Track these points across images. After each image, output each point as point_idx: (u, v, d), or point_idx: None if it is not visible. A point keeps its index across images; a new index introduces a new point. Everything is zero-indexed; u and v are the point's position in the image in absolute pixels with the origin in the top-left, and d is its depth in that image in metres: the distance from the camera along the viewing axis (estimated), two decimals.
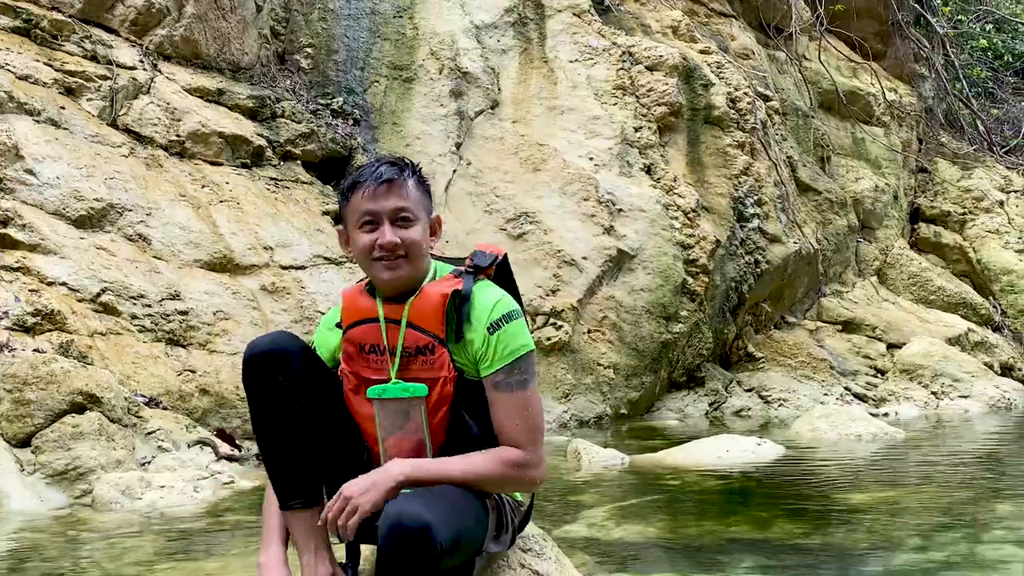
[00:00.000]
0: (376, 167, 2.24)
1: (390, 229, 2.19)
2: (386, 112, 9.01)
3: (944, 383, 9.88)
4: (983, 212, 13.49)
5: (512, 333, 2.18)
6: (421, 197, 2.28)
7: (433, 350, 2.18)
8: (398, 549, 1.82)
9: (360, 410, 2.27)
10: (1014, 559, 3.65)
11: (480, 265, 2.28)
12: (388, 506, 1.91)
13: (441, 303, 2.19)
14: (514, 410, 2.16)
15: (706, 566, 3.60)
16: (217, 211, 7.16)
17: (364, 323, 2.26)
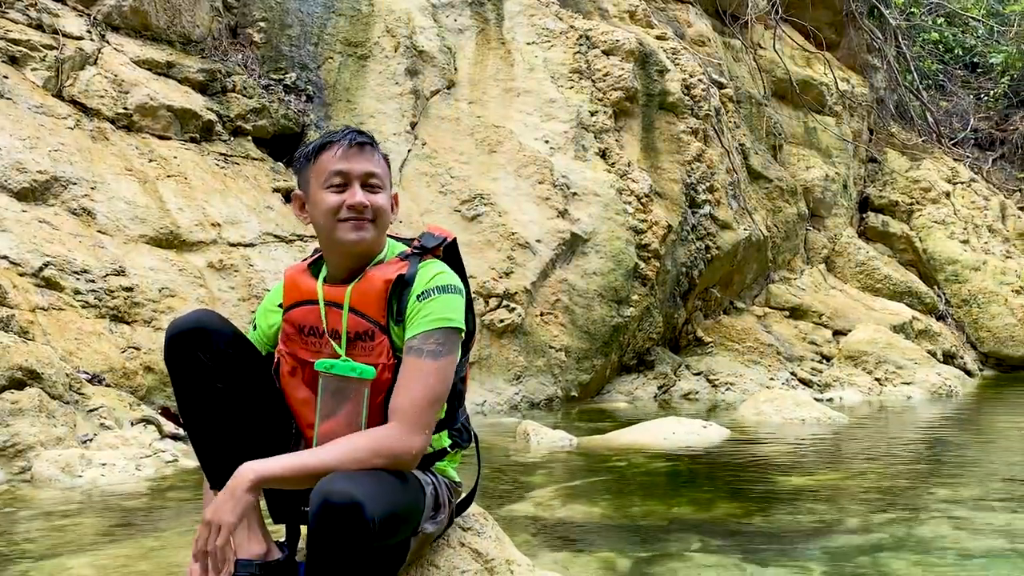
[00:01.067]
0: (346, 131, 2.22)
1: (360, 191, 2.16)
2: (340, 89, 8.92)
3: (888, 370, 10.09)
4: (930, 203, 13.75)
5: (441, 304, 2.12)
6: (386, 169, 2.28)
7: (373, 336, 2.14)
8: (329, 527, 1.79)
9: (295, 394, 2.22)
10: (949, 540, 3.74)
11: (427, 246, 2.24)
12: (318, 485, 1.86)
13: (384, 289, 2.14)
14: (413, 376, 2.06)
15: (648, 545, 3.64)
16: (164, 186, 7.05)
17: (304, 304, 2.21)
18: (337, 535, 1.79)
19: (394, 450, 1.99)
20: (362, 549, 1.81)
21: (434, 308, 2.10)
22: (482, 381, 8.02)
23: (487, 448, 6.01)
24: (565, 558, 3.43)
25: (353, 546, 1.80)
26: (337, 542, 1.80)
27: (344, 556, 1.81)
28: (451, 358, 2.12)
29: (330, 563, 1.82)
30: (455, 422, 2.28)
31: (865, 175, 14.33)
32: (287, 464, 1.97)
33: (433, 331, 2.08)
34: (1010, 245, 14.18)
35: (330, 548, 1.80)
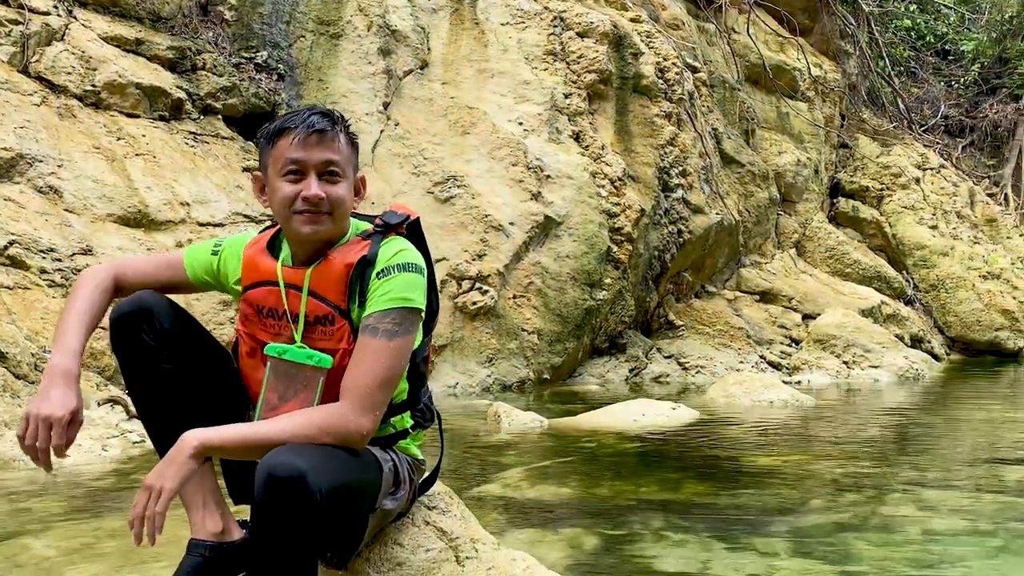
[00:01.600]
0: (307, 115, 2.10)
1: (316, 182, 2.06)
2: (312, 68, 8.84)
3: (856, 353, 10.20)
4: (900, 188, 13.88)
5: (400, 283, 2.06)
6: (350, 154, 2.15)
7: (333, 321, 2.09)
8: (273, 499, 1.76)
9: (254, 374, 2.18)
10: (912, 520, 3.80)
11: (389, 223, 2.18)
12: (263, 459, 1.82)
13: (345, 272, 2.09)
14: (367, 356, 2.00)
15: (616, 524, 3.67)
16: (132, 164, 6.96)
17: (263, 285, 2.15)
18: (281, 508, 1.76)
19: (343, 429, 1.95)
20: (308, 522, 1.78)
21: (393, 287, 2.05)
22: (454, 363, 8.02)
23: (458, 430, 6.03)
24: (533, 537, 3.44)
25: (298, 519, 1.77)
26: (281, 515, 1.77)
27: (289, 529, 1.77)
28: (408, 339, 2.06)
29: (275, 537, 1.78)
30: (418, 402, 2.25)
31: (836, 160, 14.44)
32: (232, 433, 1.93)
33: (390, 310, 2.03)
34: (978, 231, 14.36)
35: (275, 521, 1.77)
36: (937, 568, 3.15)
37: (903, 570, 3.12)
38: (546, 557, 3.11)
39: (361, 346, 2.03)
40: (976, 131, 21.42)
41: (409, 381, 2.22)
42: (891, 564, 3.19)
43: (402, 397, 2.21)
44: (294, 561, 1.81)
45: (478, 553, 2.33)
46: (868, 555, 3.29)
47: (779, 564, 3.18)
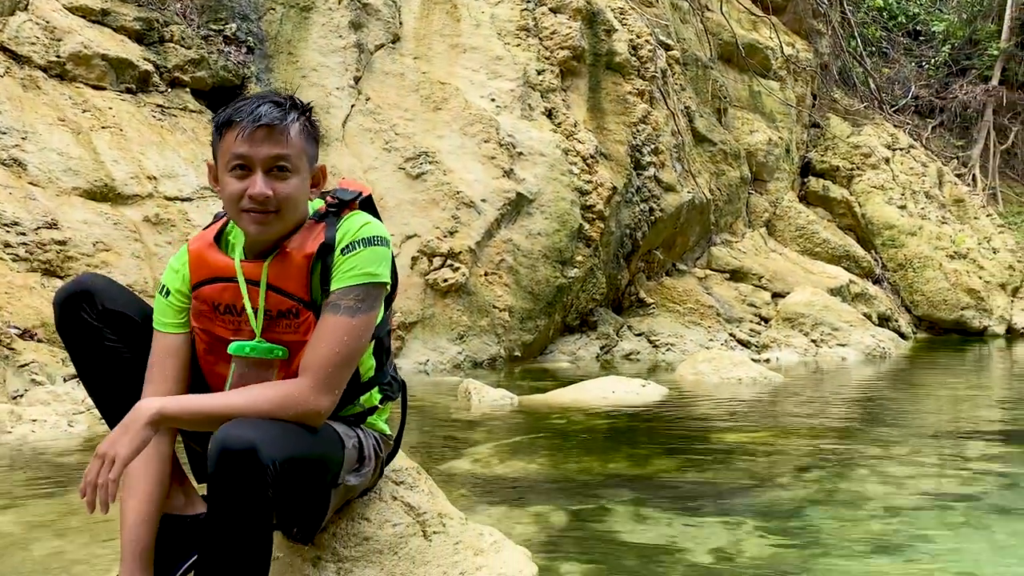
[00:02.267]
0: (256, 105, 1.99)
1: (263, 180, 1.97)
2: (281, 41, 8.72)
3: (824, 331, 10.30)
4: (870, 168, 13.99)
5: (366, 257, 2.01)
6: (305, 145, 2.04)
7: (298, 314, 2.04)
8: (226, 472, 1.75)
9: (215, 370, 2.13)
10: (876, 495, 3.85)
11: (343, 199, 2.12)
12: (216, 432, 1.80)
13: (305, 264, 2.03)
14: (328, 334, 1.96)
15: (583, 500, 3.69)
16: (99, 137, 6.86)
17: (216, 281, 2.09)
18: (233, 480, 1.75)
19: (301, 407, 1.92)
20: (260, 495, 1.76)
21: (358, 262, 2.01)
22: (425, 340, 8.02)
23: (429, 406, 6.03)
24: (501, 512, 3.46)
25: (250, 491, 1.75)
26: (234, 488, 1.75)
27: (242, 502, 1.76)
28: (370, 315, 2.02)
29: (229, 510, 1.77)
30: (384, 376, 2.24)
31: (807, 140, 14.51)
32: (190, 404, 1.91)
33: (354, 287, 1.99)
34: (946, 211, 14.51)
35: (228, 494, 1.76)
36: (900, 542, 3.20)
37: (866, 545, 3.16)
38: (514, 532, 3.12)
39: (323, 324, 2.00)
40: (946, 112, 21.62)
41: (376, 357, 2.20)
42: (855, 539, 3.23)
43: (370, 374, 2.19)
44: (248, 533, 1.79)
45: (445, 528, 2.33)
46: (832, 530, 3.34)
47: (745, 539, 3.21)
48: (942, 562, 2.98)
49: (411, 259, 8.11)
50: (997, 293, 13.64)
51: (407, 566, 2.22)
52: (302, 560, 2.15)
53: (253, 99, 2.03)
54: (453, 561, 2.27)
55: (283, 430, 1.86)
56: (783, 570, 2.90)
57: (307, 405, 1.94)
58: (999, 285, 13.84)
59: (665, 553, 3.05)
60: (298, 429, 1.92)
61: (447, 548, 2.29)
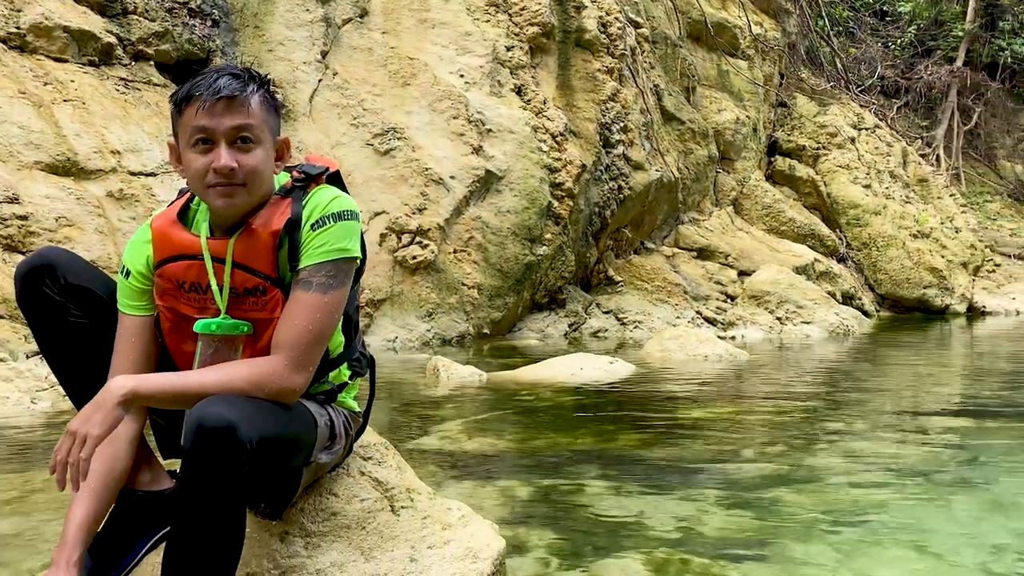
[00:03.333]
0: (215, 77, 1.94)
1: (227, 151, 1.92)
2: (247, 14, 8.61)
3: (789, 309, 10.41)
4: (836, 148, 14.11)
5: (336, 232, 1.99)
6: (267, 116, 2.00)
7: (265, 291, 2.01)
8: (203, 450, 1.72)
9: (181, 347, 2.10)
10: (836, 469, 3.92)
11: (309, 174, 2.08)
12: (191, 410, 1.77)
13: (271, 241, 2.00)
14: (300, 311, 1.94)
15: (550, 474, 3.72)
16: (61, 111, 6.74)
17: (181, 259, 2.05)
18: (210, 458, 1.73)
19: (275, 384, 1.91)
20: (237, 473, 1.75)
21: (328, 237, 1.98)
22: (394, 317, 8.00)
23: (397, 383, 6.04)
24: (469, 488, 3.48)
25: (227, 469, 1.74)
26: (211, 466, 1.74)
27: (218, 480, 1.75)
28: (342, 291, 2.01)
29: (204, 487, 1.75)
30: (353, 352, 2.24)
31: (774, 119, 14.60)
32: (163, 382, 1.89)
33: (325, 263, 1.97)
34: (910, 191, 14.69)
35: (204, 472, 1.74)
36: (859, 514, 3.27)
37: (827, 517, 3.22)
38: (482, 507, 3.15)
39: (294, 301, 1.98)
40: (911, 92, 21.84)
41: (344, 333, 2.19)
42: (816, 511, 3.29)
43: (339, 350, 2.18)
44: (222, 512, 1.79)
45: (413, 503, 2.34)
46: (794, 503, 3.40)
47: (709, 512, 3.26)
48: (900, 534, 3.05)
49: (379, 236, 8.08)
50: (959, 272, 13.86)
51: (375, 540, 2.23)
52: (269, 535, 2.15)
53: (210, 72, 1.99)
54: (421, 535, 2.29)
55: (259, 409, 1.85)
56: (747, 542, 2.95)
57: (282, 383, 1.92)
58: (961, 264, 14.07)
59: (631, 526, 3.09)
60: (274, 408, 1.91)
61: (415, 523, 2.30)
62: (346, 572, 2.16)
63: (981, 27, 22.83)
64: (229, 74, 1.97)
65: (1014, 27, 23.36)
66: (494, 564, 2.32)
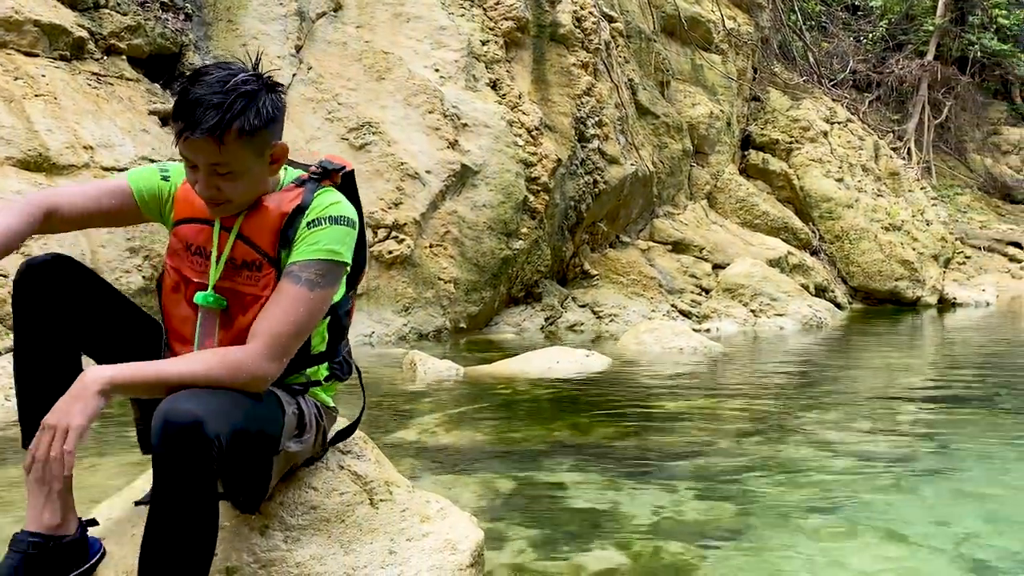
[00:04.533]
0: (194, 102, 1.92)
1: (206, 181, 1.97)
2: (220, 8, 8.55)
3: (762, 302, 10.51)
4: (808, 141, 14.22)
5: (329, 235, 2.03)
6: (252, 141, 1.97)
7: (260, 267, 2.05)
8: (170, 446, 1.72)
9: (175, 310, 2.14)
10: (811, 460, 3.98)
11: (327, 168, 2.15)
12: (159, 405, 1.77)
13: (279, 221, 2.04)
14: (284, 301, 1.97)
15: (527, 467, 3.75)
16: (32, 106, 6.67)
17: (195, 222, 2.10)
18: (178, 455, 1.73)
19: (248, 372, 1.92)
20: (206, 468, 1.75)
21: (321, 237, 2.02)
22: (370, 312, 8.00)
23: (374, 378, 6.04)
24: (447, 480, 3.50)
25: (196, 465, 1.74)
26: (179, 462, 1.73)
27: (187, 476, 1.74)
28: (328, 291, 2.03)
29: (174, 484, 1.75)
30: (336, 355, 2.25)
31: (748, 113, 14.69)
32: (141, 372, 1.88)
33: (315, 261, 2.01)
34: (881, 184, 14.84)
35: (172, 469, 1.74)
36: (832, 504, 3.32)
37: (801, 507, 3.27)
38: (460, 499, 3.17)
39: (281, 291, 2.00)
40: (882, 86, 22.05)
41: (329, 332, 2.21)
42: (789, 501, 3.34)
43: (320, 348, 2.20)
44: (194, 506, 1.79)
45: (392, 496, 2.36)
46: (768, 493, 3.45)
47: (684, 503, 3.30)
48: (872, 521, 3.10)
49: None
50: (930, 264, 14.02)
51: (354, 533, 2.24)
52: (249, 529, 2.16)
53: (195, 92, 1.95)
54: (400, 528, 2.30)
55: (227, 401, 1.85)
56: (722, 531, 2.99)
57: (255, 371, 1.93)
58: (931, 256, 14.23)
59: (607, 517, 3.13)
60: (242, 399, 1.91)
61: (394, 515, 2.32)
62: (326, 565, 2.17)
63: (951, 21, 23.07)
64: (210, 102, 1.92)
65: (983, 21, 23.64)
66: (473, 555, 2.34)
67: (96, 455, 3.72)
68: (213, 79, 1.97)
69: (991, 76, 25.08)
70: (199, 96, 1.94)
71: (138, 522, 2.21)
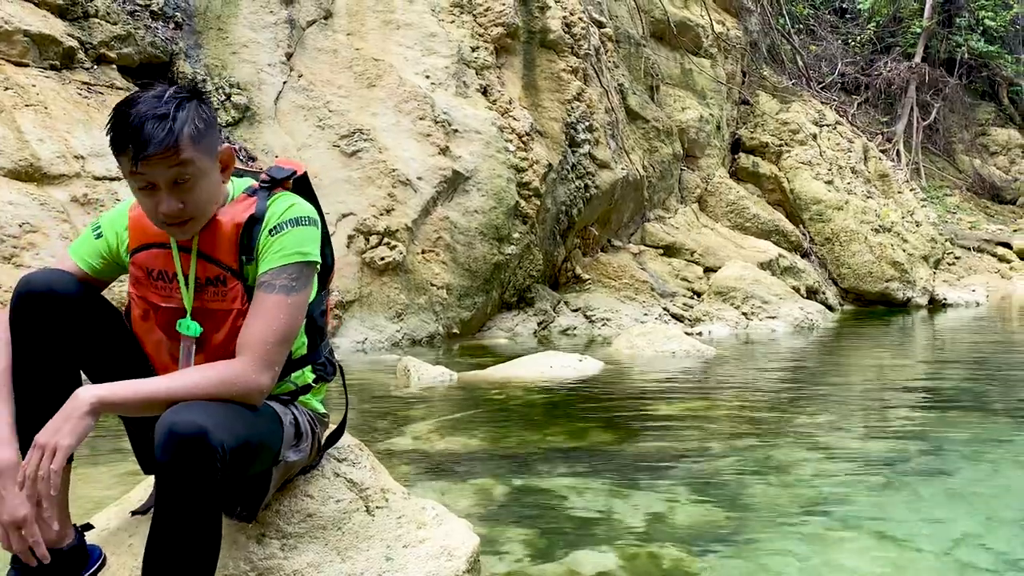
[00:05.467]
0: (140, 122, 1.89)
1: (169, 198, 1.94)
2: (211, 16, 8.55)
3: (754, 304, 10.54)
4: (798, 144, 14.28)
5: (294, 237, 2.03)
6: (200, 148, 1.97)
7: (225, 281, 2.05)
8: (175, 457, 1.73)
9: (149, 337, 2.14)
10: (804, 462, 3.99)
11: (276, 178, 2.13)
12: (161, 417, 1.79)
13: (234, 232, 2.04)
14: (263, 312, 1.98)
15: (522, 472, 3.76)
16: (22, 116, 6.66)
17: (152, 247, 2.09)
18: (183, 465, 1.74)
19: (241, 386, 1.93)
20: (211, 479, 1.76)
21: (287, 242, 2.02)
22: (363, 319, 8.00)
23: (367, 385, 6.04)
24: (442, 487, 3.51)
25: (201, 476, 1.75)
26: (184, 473, 1.75)
27: (192, 487, 1.76)
28: (304, 293, 2.04)
29: (179, 495, 1.77)
30: (318, 356, 2.25)
31: (738, 117, 14.75)
32: (131, 390, 1.88)
33: (286, 266, 2.01)
34: (871, 186, 14.91)
35: (177, 480, 1.75)
36: (825, 506, 3.34)
37: (795, 509, 3.29)
38: (456, 505, 3.18)
39: (258, 302, 2.01)
40: (871, 88, 22.15)
41: (308, 335, 2.21)
42: (783, 504, 3.36)
43: (301, 352, 2.21)
44: (198, 517, 1.79)
45: (388, 503, 2.37)
46: (762, 496, 3.46)
47: (679, 506, 3.31)
48: (865, 523, 3.12)
49: (347, 238, 8.07)
50: (920, 265, 14.08)
51: (351, 540, 2.25)
52: (246, 538, 2.17)
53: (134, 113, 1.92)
54: (396, 535, 2.31)
55: (229, 413, 1.86)
56: (716, 535, 3.00)
57: (248, 384, 1.94)
58: (922, 257, 14.30)
59: (602, 521, 3.14)
60: (242, 411, 1.92)
61: (390, 522, 2.33)
62: (323, 572, 2.18)
63: (938, 24, 23.20)
64: (154, 116, 1.91)
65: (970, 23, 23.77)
66: (469, 561, 2.35)
67: (90, 465, 3.72)
68: (147, 97, 1.96)
69: (979, 77, 25.22)
70: (140, 115, 1.92)
71: (135, 532, 2.23)
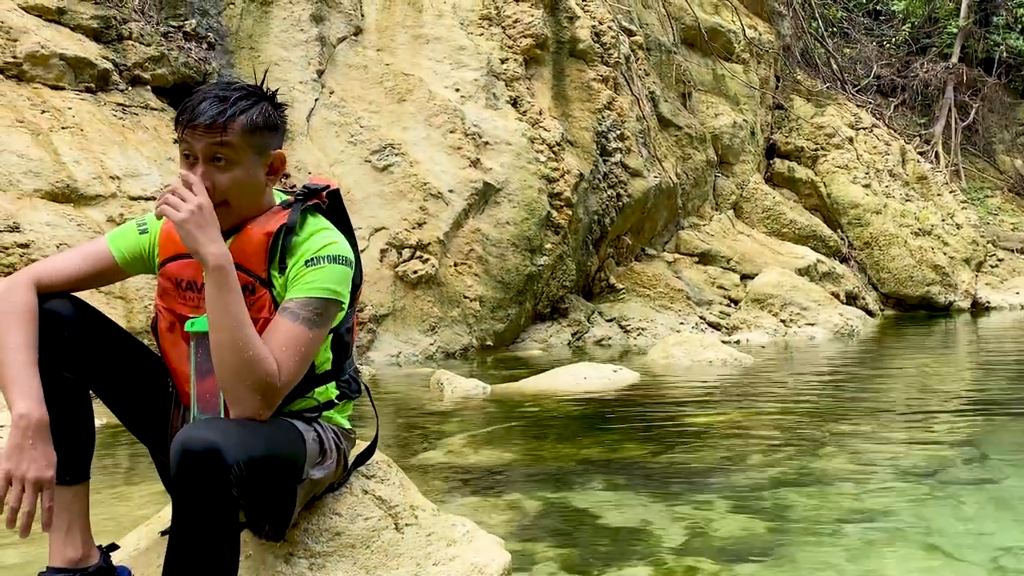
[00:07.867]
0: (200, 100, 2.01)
1: (203, 170, 1.99)
2: (243, 36, 8.64)
3: (792, 311, 10.40)
4: (834, 148, 14.12)
5: (327, 274, 2.03)
6: (248, 137, 2.03)
7: (254, 290, 2.04)
8: (189, 474, 1.73)
9: (173, 350, 2.13)
10: (843, 471, 3.91)
11: (311, 188, 2.15)
12: (177, 435, 1.79)
13: (264, 242, 2.04)
14: (280, 337, 1.97)
15: (558, 487, 3.71)
16: (59, 138, 6.76)
17: (182, 258, 2.09)
18: (197, 483, 1.74)
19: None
20: (226, 496, 1.76)
21: (320, 276, 2.02)
22: (397, 332, 8.01)
23: (401, 398, 6.04)
24: (475, 502, 3.47)
25: (215, 493, 1.74)
26: (198, 490, 1.74)
27: (207, 504, 1.75)
28: (324, 330, 2.04)
29: (195, 513, 1.76)
30: (343, 374, 2.23)
31: (772, 122, 14.61)
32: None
33: (313, 299, 2.01)
34: (909, 189, 14.69)
35: (192, 497, 1.75)
36: (867, 516, 3.26)
37: (835, 521, 3.21)
38: (488, 520, 3.14)
39: (278, 328, 1.99)
40: (907, 90, 21.85)
41: (333, 351, 2.20)
42: (824, 515, 3.28)
43: (326, 367, 2.19)
44: (215, 536, 1.78)
45: (417, 520, 2.34)
46: (802, 507, 3.38)
47: (716, 518, 3.25)
48: (909, 534, 3.04)
49: (380, 252, 8.09)
50: (961, 268, 13.84)
51: (380, 559, 2.22)
52: (274, 557, 2.15)
53: (203, 92, 2.05)
54: (426, 552, 2.28)
55: (245, 430, 1.86)
56: (755, 548, 2.94)
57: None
58: (963, 260, 14.05)
59: (639, 535, 3.09)
60: (259, 428, 1.91)
61: (419, 540, 2.30)
62: None
63: (975, 23, 22.84)
64: (215, 97, 2.02)
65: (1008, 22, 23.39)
66: None
67: (126, 484, 3.73)
68: (221, 83, 2.09)
69: (1018, 76, 24.78)
70: (203, 94, 2.04)
71: (164, 552, 2.22)
